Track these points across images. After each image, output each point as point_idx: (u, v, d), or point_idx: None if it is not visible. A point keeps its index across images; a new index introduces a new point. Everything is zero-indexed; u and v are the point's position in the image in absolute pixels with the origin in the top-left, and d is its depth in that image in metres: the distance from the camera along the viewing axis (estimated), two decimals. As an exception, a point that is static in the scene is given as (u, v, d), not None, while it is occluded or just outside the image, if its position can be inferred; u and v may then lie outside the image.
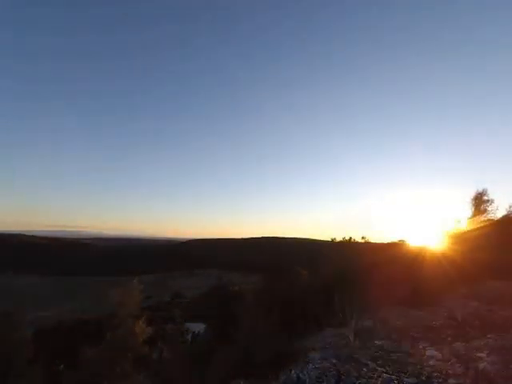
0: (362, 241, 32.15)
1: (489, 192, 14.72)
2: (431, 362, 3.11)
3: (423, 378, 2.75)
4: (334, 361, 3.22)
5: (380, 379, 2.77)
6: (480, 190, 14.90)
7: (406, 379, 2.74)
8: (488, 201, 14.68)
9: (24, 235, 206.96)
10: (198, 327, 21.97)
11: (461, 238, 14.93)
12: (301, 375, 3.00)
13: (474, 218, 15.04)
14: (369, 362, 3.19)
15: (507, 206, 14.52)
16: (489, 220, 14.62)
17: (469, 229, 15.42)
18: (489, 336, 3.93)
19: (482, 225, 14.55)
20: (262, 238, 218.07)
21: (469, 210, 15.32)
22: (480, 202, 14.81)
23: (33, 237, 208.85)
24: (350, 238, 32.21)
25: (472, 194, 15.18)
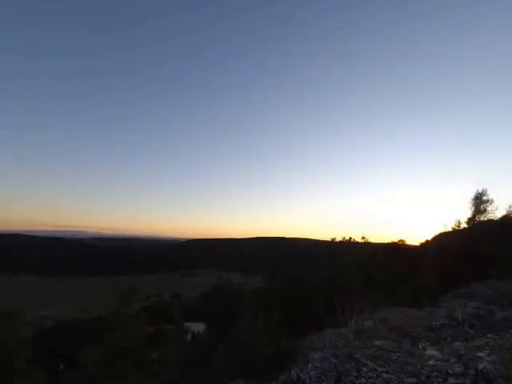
0: (362, 241, 32.09)
1: (489, 192, 14.74)
2: (431, 362, 3.11)
3: (423, 377, 2.75)
4: (334, 361, 3.22)
5: (380, 379, 2.77)
6: (480, 189, 14.92)
7: (405, 379, 2.75)
8: (488, 201, 14.69)
9: (24, 235, 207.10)
10: (198, 327, 21.98)
11: (460, 238, 14.95)
12: (301, 375, 3.00)
13: (474, 218, 15.05)
14: (369, 362, 3.19)
15: (507, 206, 14.55)
16: (489, 220, 14.64)
17: (468, 229, 15.43)
18: (489, 336, 3.93)
19: (481, 225, 14.56)
20: (262, 237, 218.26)
21: (469, 209, 15.34)
22: (480, 202, 14.82)
23: (33, 237, 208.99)
24: (350, 237, 32.12)
25: (472, 193, 15.21)
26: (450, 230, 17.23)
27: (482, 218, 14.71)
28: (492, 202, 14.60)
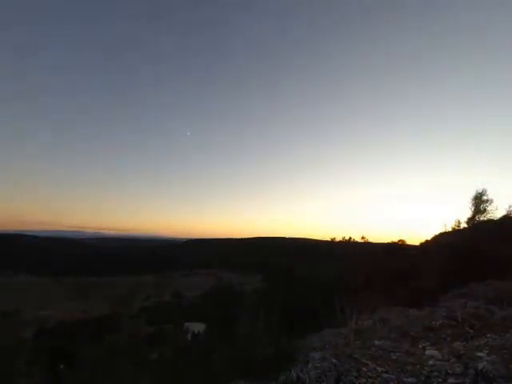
0: (362, 241, 32.21)
1: (489, 192, 14.75)
2: (431, 362, 3.11)
3: (423, 377, 2.74)
4: (334, 360, 3.22)
5: (379, 379, 2.77)
6: (480, 189, 14.93)
7: (405, 379, 2.74)
8: (488, 201, 14.70)
9: (24, 235, 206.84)
10: (198, 327, 21.96)
11: (460, 238, 14.94)
12: (301, 375, 3.01)
13: (474, 218, 15.04)
14: (368, 362, 3.19)
15: (507, 206, 14.57)
16: (489, 220, 14.64)
17: (468, 229, 15.42)
18: (488, 336, 3.93)
19: (481, 225, 14.55)
20: (262, 237, 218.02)
21: (469, 209, 15.35)
22: (480, 201, 14.83)
23: (33, 237, 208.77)
24: (350, 237, 32.28)
25: (472, 193, 15.22)
26: (450, 229, 17.24)
27: (481, 218, 14.72)
28: (492, 201, 14.62)
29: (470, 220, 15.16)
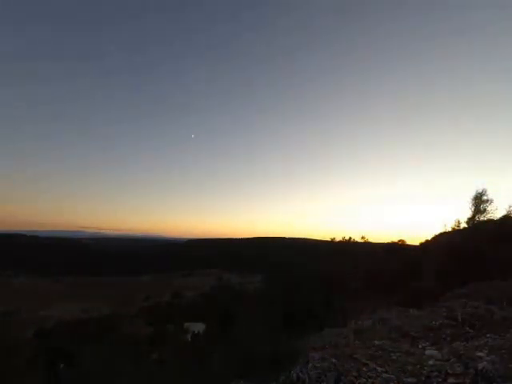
0: (362, 241, 32.12)
1: (489, 192, 14.76)
2: (431, 362, 3.11)
3: (423, 377, 2.75)
4: (334, 360, 3.22)
5: (379, 379, 2.77)
6: (480, 189, 14.94)
7: (405, 379, 2.75)
8: (488, 201, 14.71)
9: (24, 235, 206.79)
10: (198, 327, 21.96)
11: (460, 238, 14.94)
12: (300, 375, 3.01)
13: (474, 218, 15.04)
14: (368, 362, 3.20)
15: (507, 206, 14.57)
16: (489, 220, 14.64)
17: (468, 229, 15.42)
18: (488, 336, 3.93)
19: (481, 225, 14.55)
20: (262, 237, 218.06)
21: (469, 209, 15.35)
22: (480, 201, 14.83)
23: (33, 237, 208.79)
24: (350, 237, 32.15)
25: (472, 194, 15.22)
26: (450, 229, 17.24)
27: (481, 218, 14.73)
28: (492, 201, 14.63)
29: (470, 220, 15.17)
